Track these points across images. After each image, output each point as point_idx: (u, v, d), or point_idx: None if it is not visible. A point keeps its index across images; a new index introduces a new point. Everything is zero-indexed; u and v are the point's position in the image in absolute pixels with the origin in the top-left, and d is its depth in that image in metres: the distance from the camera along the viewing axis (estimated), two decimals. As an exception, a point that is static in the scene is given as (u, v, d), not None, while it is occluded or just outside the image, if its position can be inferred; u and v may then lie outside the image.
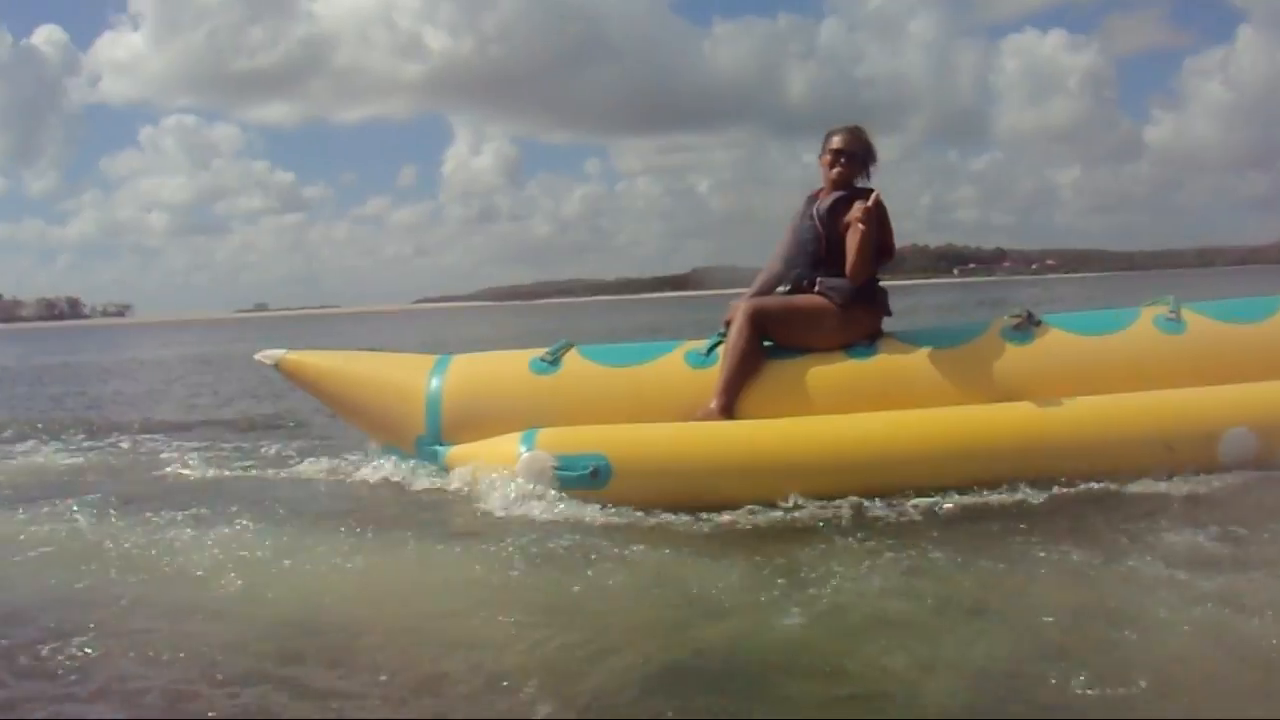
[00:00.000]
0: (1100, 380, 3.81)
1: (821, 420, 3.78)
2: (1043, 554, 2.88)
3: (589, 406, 4.05)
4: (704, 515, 3.50)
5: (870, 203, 3.83)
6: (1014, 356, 3.88)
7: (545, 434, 3.82)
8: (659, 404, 3.99)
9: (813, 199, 4.15)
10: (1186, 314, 3.95)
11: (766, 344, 4.05)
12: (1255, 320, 3.94)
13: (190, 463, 5.04)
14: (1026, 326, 3.95)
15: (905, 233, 4.25)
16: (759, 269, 4.31)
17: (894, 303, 4.12)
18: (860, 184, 4.13)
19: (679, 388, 4.01)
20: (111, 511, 3.85)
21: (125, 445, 5.85)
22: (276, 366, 4.63)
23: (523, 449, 3.79)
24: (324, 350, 4.96)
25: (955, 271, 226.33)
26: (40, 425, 6.87)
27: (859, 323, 3.98)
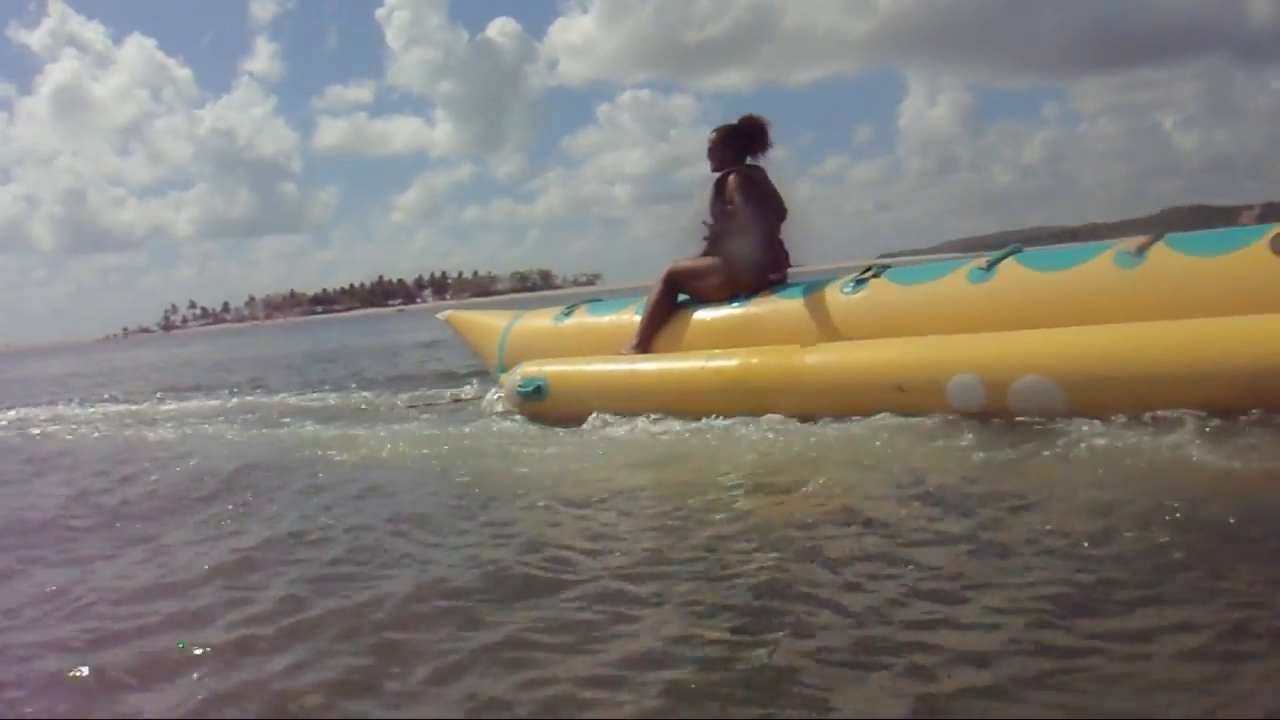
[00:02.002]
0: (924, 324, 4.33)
1: (678, 359, 4.87)
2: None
3: (579, 345, 5.56)
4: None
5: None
6: (843, 306, 4.55)
7: (525, 365, 5.44)
8: (614, 343, 5.34)
9: None
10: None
11: (683, 297, 5.20)
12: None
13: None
14: (864, 279, 4.57)
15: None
16: (1231, 207, 4.96)
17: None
18: (750, 161, 5.15)
19: (628, 331, 5.31)
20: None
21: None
22: (446, 321, 6.84)
23: (514, 374, 5.46)
24: (478, 310, 7.03)
25: None
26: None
27: (742, 277, 4.93)
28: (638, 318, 5.31)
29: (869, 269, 4.66)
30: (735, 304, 4.94)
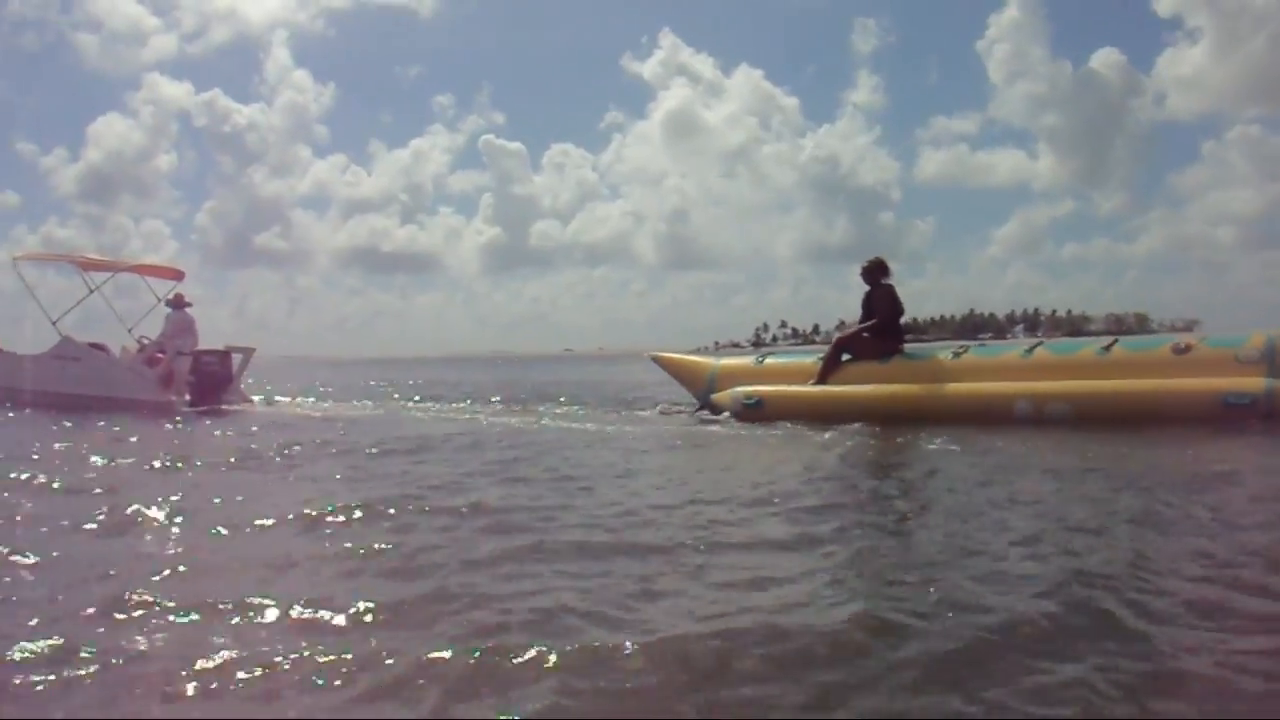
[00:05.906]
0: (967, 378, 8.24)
1: (852, 386, 8.68)
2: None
3: (771, 378, 9.32)
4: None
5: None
6: (949, 365, 8.44)
7: (744, 388, 9.17)
8: (802, 377, 9.12)
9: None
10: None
11: (847, 356, 9.05)
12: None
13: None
14: (960, 353, 8.49)
15: None
16: None
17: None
18: (884, 282, 9.01)
19: (809, 371, 9.12)
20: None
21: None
22: (653, 359, 10.57)
23: (736, 393, 9.17)
24: (679, 353, 10.79)
25: None
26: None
27: (880, 346, 8.81)
28: (808, 361, 9.15)
29: (964, 346, 8.59)
30: (882, 360, 8.80)
